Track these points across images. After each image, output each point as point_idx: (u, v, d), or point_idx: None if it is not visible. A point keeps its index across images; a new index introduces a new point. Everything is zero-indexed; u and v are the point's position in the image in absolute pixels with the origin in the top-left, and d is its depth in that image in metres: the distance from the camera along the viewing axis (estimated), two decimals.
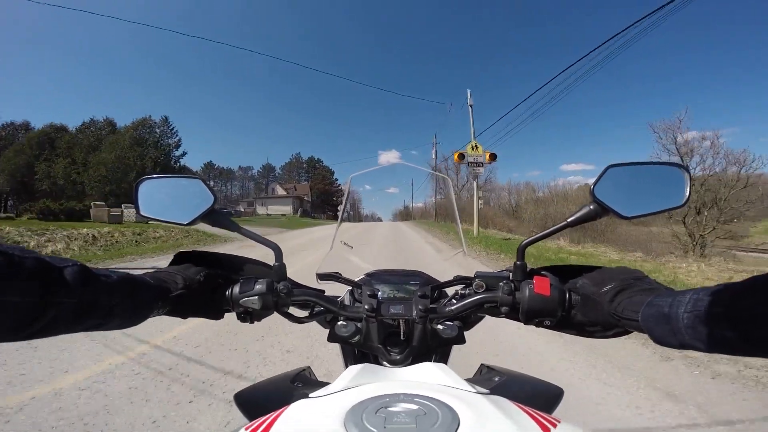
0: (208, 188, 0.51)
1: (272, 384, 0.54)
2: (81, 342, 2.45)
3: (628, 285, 0.42)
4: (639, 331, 0.38)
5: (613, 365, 2.19)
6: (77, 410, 1.69)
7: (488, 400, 0.34)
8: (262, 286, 0.49)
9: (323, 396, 0.36)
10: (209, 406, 1.73)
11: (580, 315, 0.47)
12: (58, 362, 2.19)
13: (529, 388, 0.54)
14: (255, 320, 0.51)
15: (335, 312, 0.54)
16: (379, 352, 0.53)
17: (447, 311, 0.52)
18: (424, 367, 0.43)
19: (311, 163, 68.52)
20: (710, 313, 0.30)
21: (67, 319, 0.32)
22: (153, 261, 6.98)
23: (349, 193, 0.77)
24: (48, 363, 2.17)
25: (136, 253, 7.96)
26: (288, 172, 67.58)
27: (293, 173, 67.38)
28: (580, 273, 0.49)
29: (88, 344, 2.44)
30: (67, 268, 0.33)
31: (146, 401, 1.78)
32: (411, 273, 0.68)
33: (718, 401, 1.79)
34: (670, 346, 0.34)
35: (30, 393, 1.83)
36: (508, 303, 0.49)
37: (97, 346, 2.43)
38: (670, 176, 0.50)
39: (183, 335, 2.69)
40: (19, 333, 0.29)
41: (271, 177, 65.15)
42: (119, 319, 0.38)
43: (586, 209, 0.49)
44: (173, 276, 0.47)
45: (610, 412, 1.69)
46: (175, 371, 2.12)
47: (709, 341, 0.30)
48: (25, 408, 1.70)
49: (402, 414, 0.31)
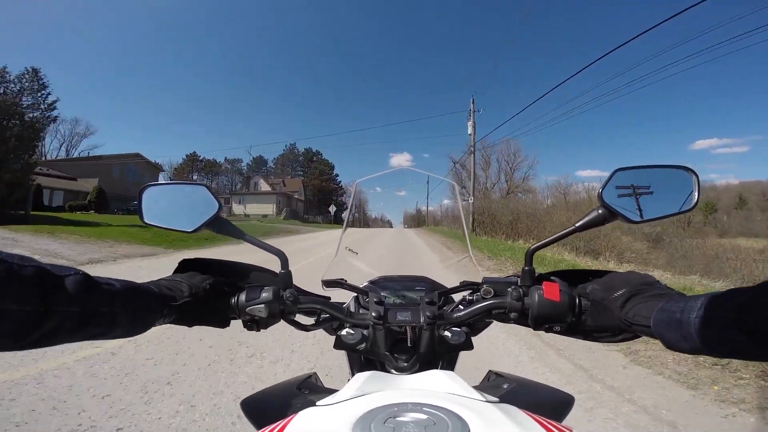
0: (212, 195, 0.56)
1: (279, 391, 0.59)
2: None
3: (639, 290, 0.46)
4: (650, 336, 0.42)
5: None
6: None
7: (498, 408, 0.36)
8: (269, 294, 0.53)
9: (331, 405, 0.39)
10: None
11: (590, 320, 0.51)
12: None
13: (538, 396, 0.59)
14: (261, 328, 0.55)
15: (341, 319, 0.59)
16: (386, 360, 0.58)
17: (455, 318, 0.57)
18: (432, 375, 0.46)
19: (308, 155, 65.98)
20: (722, 318, 0.32)
21: (69, 328, 0.35)
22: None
23: (355, 197, 0.83)
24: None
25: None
26: (281, 165, 65.51)
27: (287, 167, 65.28)
28: (589, 278, 0.53)
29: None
30: (68, 277, 0.35)
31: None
32: (416, 279, 0.73)
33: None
34: (682, 351, 0.37)
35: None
36: (517, 309, 0.53)
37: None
38: (679, 179, 0.54)
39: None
40: (20, 342, 0.32)
41: (262, 171, 63.36)
42: (122, 327, 0.41)
43: (594, 214, 0.53)
44: (178, 284, 0.50)
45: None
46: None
47: (721, 346, 0.33)
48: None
49: (411, 424, 0.33)
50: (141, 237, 10.43)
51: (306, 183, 59.55)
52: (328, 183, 63.78)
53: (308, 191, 58.93)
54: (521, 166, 39.35)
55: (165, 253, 9.00)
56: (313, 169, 63.90)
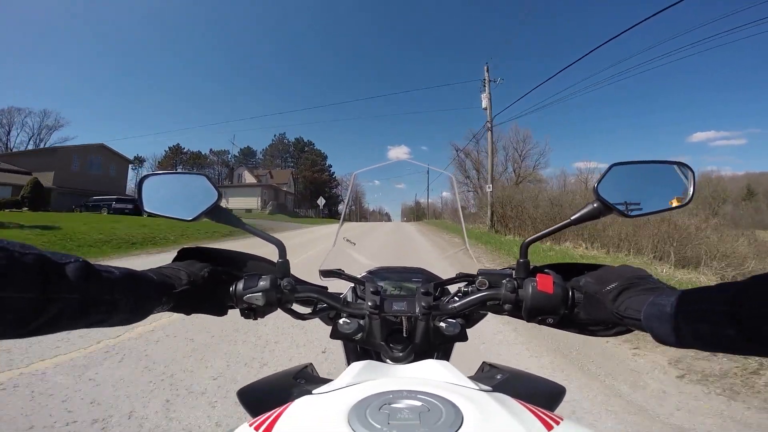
0: (212, 184, 0.58)
1: (275, 380, 0.61)
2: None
3: (631, 284, 0.48)
4: (641, 330, 0.43)
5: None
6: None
7: (491, 397, 0.38)
8: (266, 283, 0.56)
9: (326, 392, 0.40)
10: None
11: (583, 313, 0.53)
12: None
13: (531, 386, 0.61)
14: (258, 317, 0.58)
15: (338, 309, 0.61)
16: (382, 349, 0.61)
17: (450, 309, 0.59)
18: (427, 364, 0.48)
19: (299, 145, 64.45)
20: (713, 312, 0.33)
21: (70, 315, 0.36)
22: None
23: (352, 189, 0.86)
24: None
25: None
26: (270, 156, 64.32)
27: (276, 158, 63.95)
28: (583, 271, 0.56)
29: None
30: (69, 264, 0.37)
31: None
32: (413, 270, 0.76)
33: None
34: (672, 345, 0.38)
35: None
36: (511, 300, 0.56)
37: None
38: (674, 175, 0.57)
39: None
40: (22, 329, 0.33)
41: (250, 162, 62.37)
42: (123, 314, 0.42)
43: (590, 207, 0.55)
44: (177, 272, 0.52)
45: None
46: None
47: (711, 340, 0.34)
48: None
49: (406, 410, 0.34)
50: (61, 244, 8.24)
51: (296, 174, 58.23)
52: (321, 174, 62.20)
53: (299, 183, 57.72)
54: (531, 154, 36.32)
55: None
56: (304, 160, 62.32)
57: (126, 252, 8.59)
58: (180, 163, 58.99)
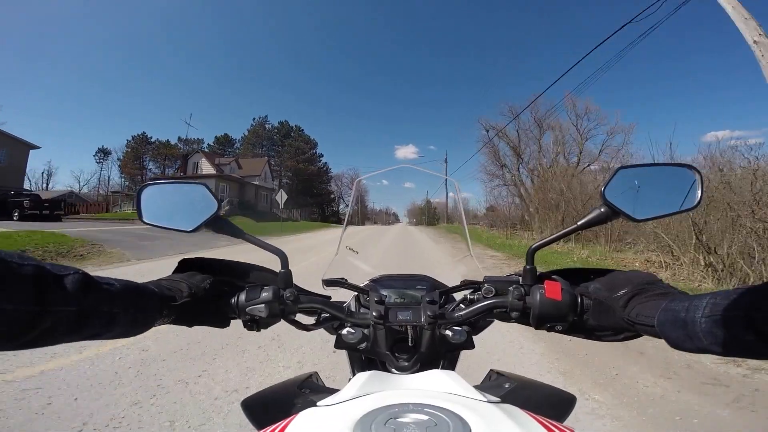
0: (211, 194, 0.62)
1: (280, 390, 0.65)
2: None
3: (641, 290, 0.51)
4: (654, 336, 0.46)
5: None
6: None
7: (499, 408, 0.40)
8: (269, 294, 0.59)
9: (332, 405, 0.43)
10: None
11: (593, 320, 0.56)
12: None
13: (540, 396, 0.65)
14: (261, 328, 0.62)
15: (342, 319, 0.65)
16: (387, 359, 0.65)
17: (456, 317, 0.63)
18: (433, 375, 0.51)
19: (282, 130, 59.21)
20: (729, 317, 0.35)
21: (66, 328, 0.38)
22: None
23: (355, 196, 0.90)
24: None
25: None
26: (251, 144, 59.13)
27: (257, 146, 59.09)
28: (591, 277, 0.60)
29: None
30: (67, 276, 0.39)
31: None
32: (417, 277, 0.80)
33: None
34: (688, 350, 0.41)
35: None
36: (519, 308, 0.60)
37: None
38: (682, 177, 0.62)
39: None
40: (15, 341, 0.35)
41: (228, 152, 57.23)
42: (122, 327, 0.45)
43: (597, 212, 0.59)
44: (178, 284, 0.56)
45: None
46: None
47: (728, 345, 0.36)
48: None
49: (412, 425, 0.36)
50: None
51: (276, 165, 52.79)
52: (309, 166, 57.52)
53: (283, 175, 53.88)
54: (596, 133, 27.10)
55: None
56: (289, 147, 57.58)
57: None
58: (147, 154, 56.89)
